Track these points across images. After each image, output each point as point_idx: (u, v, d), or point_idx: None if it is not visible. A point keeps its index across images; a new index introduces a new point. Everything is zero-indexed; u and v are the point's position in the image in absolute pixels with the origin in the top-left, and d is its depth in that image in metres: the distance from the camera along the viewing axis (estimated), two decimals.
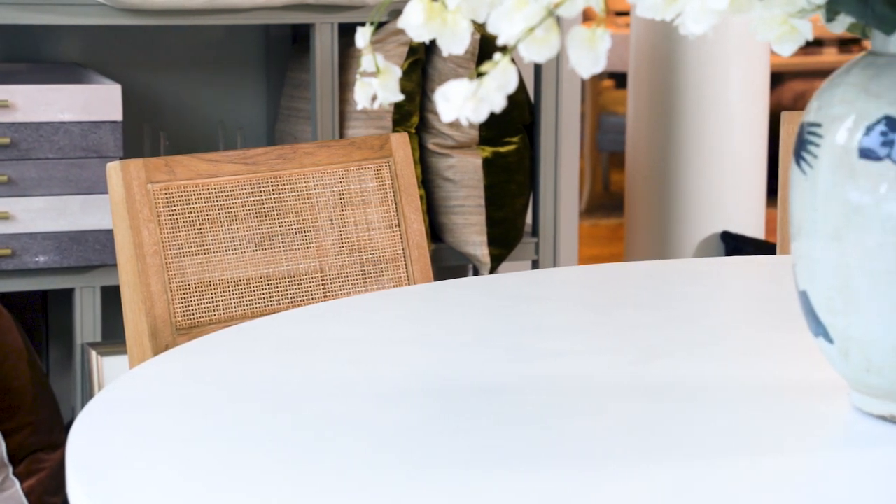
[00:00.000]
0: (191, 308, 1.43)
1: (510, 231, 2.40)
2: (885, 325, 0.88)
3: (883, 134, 0.87)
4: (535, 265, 2.49)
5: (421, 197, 2.34)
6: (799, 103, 4.92)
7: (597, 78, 5.03)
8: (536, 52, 0.85)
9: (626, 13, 4.97)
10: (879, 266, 0.88)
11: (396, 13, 2.28)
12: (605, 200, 5.19)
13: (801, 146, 0.93)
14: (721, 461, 0.88)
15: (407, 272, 1.57)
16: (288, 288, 1.50)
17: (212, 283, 1.45)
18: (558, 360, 1.10)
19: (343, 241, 1.53)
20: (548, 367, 1.09)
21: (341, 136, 2.32)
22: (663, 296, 1.34)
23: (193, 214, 1.45)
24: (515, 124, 2.39)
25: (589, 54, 0.85)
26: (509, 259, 2.44)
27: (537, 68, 2.42)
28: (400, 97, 0.95)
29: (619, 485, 0.84)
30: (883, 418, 0.92)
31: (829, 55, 5.09)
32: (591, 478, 0.85)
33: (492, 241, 2.38)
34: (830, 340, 0.92)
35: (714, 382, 1.04)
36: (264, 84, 2.58)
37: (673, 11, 0.86)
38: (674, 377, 1.05)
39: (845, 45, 5.11)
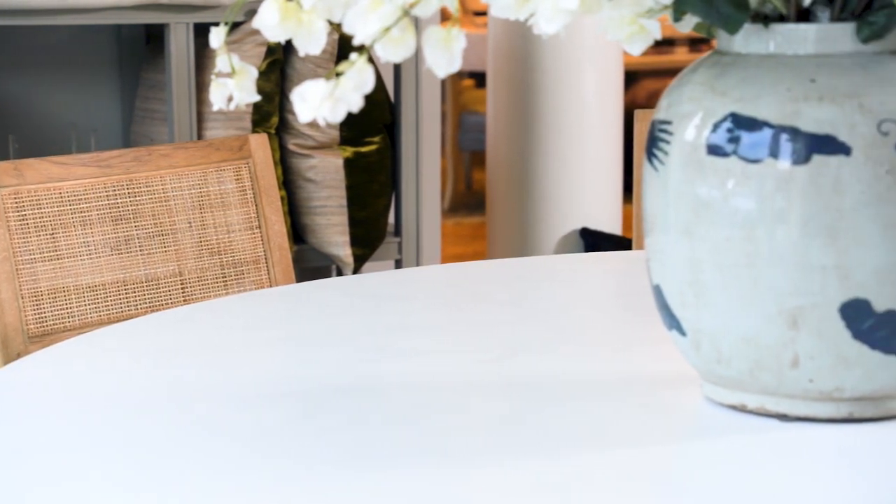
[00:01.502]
0: (43, 315, 1.39)
1: (372, 231, 2.40)
2: (734, 317, 0.91)
3: (729, 131, 0.89)
4: (399, 264, 2.50)
5: (282, 198, 2.32)
6: (653, 101, 5.03)
7: (457, 77, 5.05)
8: (392, 52, 0.85)
9: (484, 13, 5.00)
10: (728, 259, 0.90)
11: (253, 13, 2.26)
12: (467, 199, 5.23)
13: (653, 143, 0.95)
14: (580, 454, 0.89)
15: (268, 274, 1.55)
16: (146, 292, 1.47)
17: (65, 289, 1.41)
18: (421, 359, 1.11)
19: (202, 243, 1.52)
20: (411, 365, 1.09)
21: (199, 137, 2.29)
22: (524, 292, 1.36)
23: (45, 219, 1.41)
24: (376, 124, 2.40)
25: (445, 54, 0.85)
26: (372, 259, 2.44)
27: (397, 68, 2.42)
28: (257, 98, 0.95)
29: (483, 480, 0.85)
30: (733, 407, 0.94)
31: (681, 54, 5.21)
32: (455, 475, 0.86)
33: (354, 242, 2.38)
34: (683, 333, 0.95)
35: (573, 377, 1.05)
36: (118, 85, 2.53)
37: (526, 11, 0.87)
38: (534, 373, 1.06)
39: (695, 43, 5.24)
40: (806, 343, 0.89)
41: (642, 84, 5.17)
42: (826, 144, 0.86)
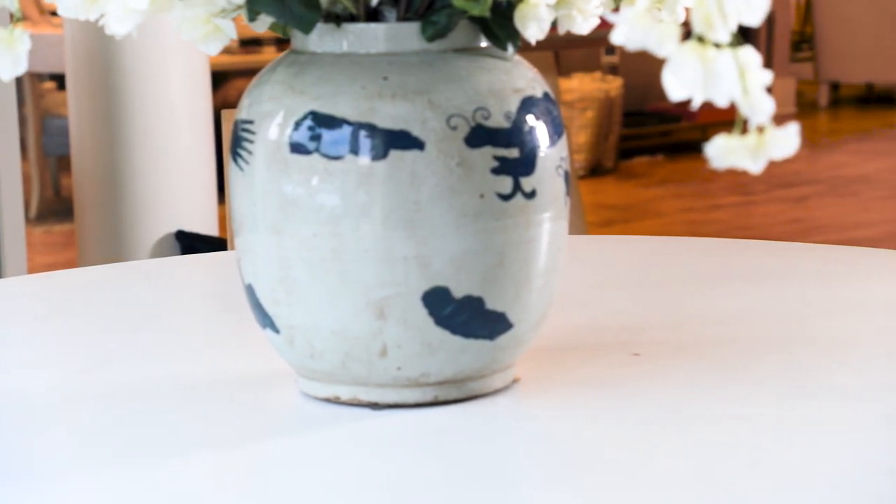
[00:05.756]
0: None
1: None
2: (325, 312, 0.92)
3: (310, 129, 0.91)
4: None
5: None
6: None
7: (37, 80, 4.84)
8: None
9: None
10: (315, 255, 0.92)
11: None
12: (56, 206, 5.03)
13: (237, 143, 0.95)
14: (179, 459, 0.88)
15: None
16: None
17: None
18: (4, 376, 1.06)
19: None
20: None
21: None
22: (118, 299, 1.32)
23: None
24: None
25: (8, 56, 0.81)
26: None
27: None
28: None
29: (80, 495, 0.82)
30: (328, 400, 0.96)
31: (269, 53, 5.25)
32: (46, 494, 0.83)
33: None
34: (277, 330, 0.95)
35: (170, 382, 1.04)
36: None
37: (95, 11, 0.84)
38: (131, 380, 1.04)
39: (283, 43, 5.30)
40: (393, 332, 0.92)
41: (233, 84, 5.16)
42: (401, 140, 0.90)
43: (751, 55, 0.72)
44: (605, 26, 0.99)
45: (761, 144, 0.72)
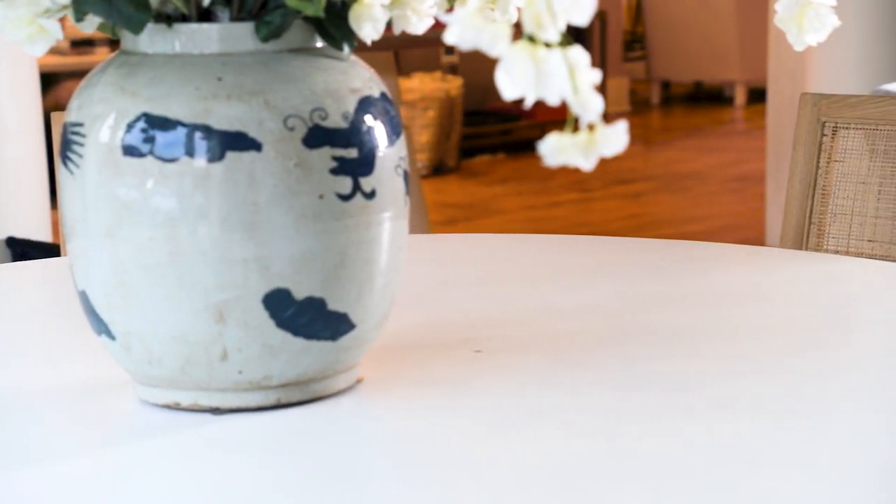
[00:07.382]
0: None
1: None
2: (163, 316, 0.91)
3: (143, 131, 0.89)
4: None
5: None
6: None
7: None
8: None
9: None
10: (152, 259, 0.90)
11: None
12: None
13: (66, 146, 0.93)
14: (19, 471, 0.85)
15: None
16: None
17: None
18: None
19: None
20: None
21: None
22: None
23: None
24: None
25: None
26: None
27: None
28: None
29: None
30: (168, 406, 0.94)
31: (102, 54, 5.13)
32: None
33: None
34: (112, 337, 0.93)
35: (5, 392, 1.01)
36: None
37: None
38: None
39: (116, 44, 5.18)
40: (233, 336, 0.91)
41: (64, 86, 5.03)
42: (238, 141, 0.88)
43: (580, 54, 0.73)
44: (442, 26, 0.99)
45: (592, 142, 0.73)
